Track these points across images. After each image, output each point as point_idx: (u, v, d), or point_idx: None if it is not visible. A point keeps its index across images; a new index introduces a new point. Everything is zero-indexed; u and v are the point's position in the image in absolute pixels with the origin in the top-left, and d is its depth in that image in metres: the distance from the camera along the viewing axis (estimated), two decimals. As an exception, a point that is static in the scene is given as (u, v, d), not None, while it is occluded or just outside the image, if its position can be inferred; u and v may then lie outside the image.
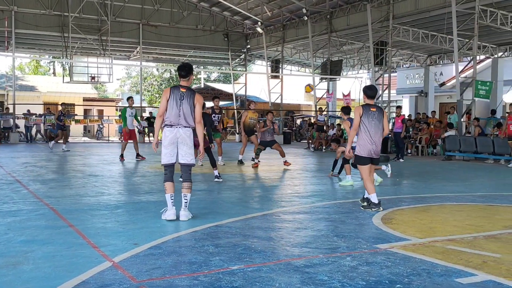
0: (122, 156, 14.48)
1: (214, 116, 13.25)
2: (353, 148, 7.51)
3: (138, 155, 14.70)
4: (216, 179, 9.97)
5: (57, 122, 18.57)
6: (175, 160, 6.08)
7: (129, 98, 15.22)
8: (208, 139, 10.22)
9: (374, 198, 6.88)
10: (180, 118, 6.01)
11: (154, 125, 7.00)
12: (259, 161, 13.21)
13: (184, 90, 6.06)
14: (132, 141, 14.78)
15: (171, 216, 6.00)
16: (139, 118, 16.52)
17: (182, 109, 6.00)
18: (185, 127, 6.04)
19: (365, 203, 7.00)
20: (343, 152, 9.73)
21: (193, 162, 6.18)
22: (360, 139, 6.92)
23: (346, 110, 10.53)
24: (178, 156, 6.07)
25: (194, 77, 8.19)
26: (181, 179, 6.33)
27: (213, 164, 10.21)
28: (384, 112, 7.10)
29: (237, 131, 30.66)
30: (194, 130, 6.19)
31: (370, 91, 7.04)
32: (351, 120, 9.82)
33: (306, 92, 20.32)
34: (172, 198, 6.06)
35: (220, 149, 13.57)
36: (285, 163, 13.08)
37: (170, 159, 6.06)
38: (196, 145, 6.63)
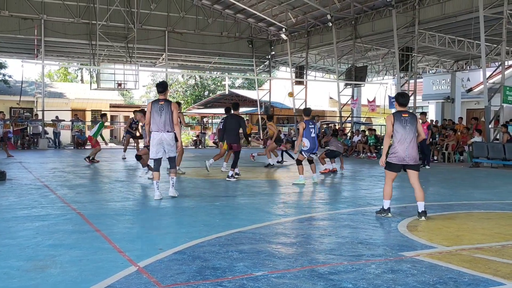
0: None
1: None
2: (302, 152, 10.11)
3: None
4: (227, 179, 10.93)
5: (128, 130, 18.49)
6: (161, 156, 8.07)
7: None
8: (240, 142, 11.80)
9: (386, 204, 6.92)
10: (163, 125, 7.93)
11: (145, 130, 8.95)
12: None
13: (162, 103, 7.95)
14: None
15: (157, 196, 8.00)
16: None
17: (162, 118, 7.91)
18: (168, 131, 7.97)
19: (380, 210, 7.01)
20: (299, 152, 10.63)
21: (175, 154, 8.20)
22: (392, 146, 6.88)
23: (306, 111, 10.95)
24: (166, 153, 8.05)
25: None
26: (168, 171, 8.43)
27: (234, 166, 11.20)
28: (417, 118, 7.01)
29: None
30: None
31: (402, 98, 7.00)
32: (307, 122, 10.50)
33: (289, 96, 20.39)
34: (157, 184, 8.10)
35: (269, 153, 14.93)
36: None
37: (156, 155, 8.07)
38: (233, 148, 11.01)
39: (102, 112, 15.85)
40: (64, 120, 26.35)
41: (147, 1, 26.99)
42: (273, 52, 31.52)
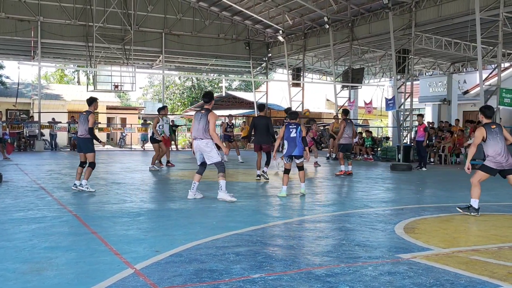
0: (168, 162, 15.24)
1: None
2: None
3: (168, 162, 15.30)
4: (261, 173, 11.63)
5: (224, 134, 18.21)
6: (202, 161, 8.37)
7: (165, 107, 15.26)
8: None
9: (475, 203, 7.24)
10: (198, 132, 8.22)
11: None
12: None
13: (203, 112, 8.27)
14: (165, 148, 15.16)
15: (189, 196, 8.38)
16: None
17: (200, 125, 8.22)
18: (201, 139, 8.20)
19: (464, 208, 7.40)
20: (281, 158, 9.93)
21: (215, 161, 8.22)
22: (488, 156, 7.31)
23: (291, 115, 9.69)
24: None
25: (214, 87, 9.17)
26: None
27: (267, 163, 11.95)
28: (502, 126, 7.46)
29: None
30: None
31: (488, 111, 7.44)
32: (288, 124, 9.37)
33: (304, 114, 20.21)
34: (194, 184, 8.39)
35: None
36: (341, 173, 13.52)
37: (198, 162, 8.43)
38: (264, 149, 11.46)
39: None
40: (60, 122, 26.29)
41: (144, 3, 26.99)
42: (270, 54, 31.55)
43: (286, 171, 9.25)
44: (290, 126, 9.28)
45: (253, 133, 12.05)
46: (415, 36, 20.58)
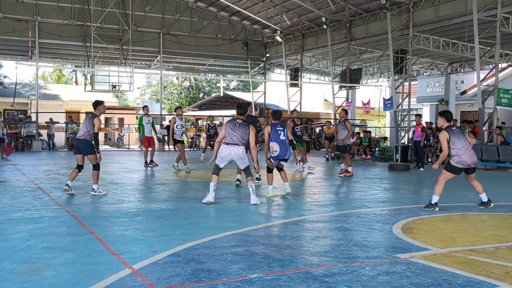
0: (146, 162, 14.80)
1: (296, 128, 13.86)
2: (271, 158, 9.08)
3: (151, 161, 14.96)
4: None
5: (207, 135, 18.03)
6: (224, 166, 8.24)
7: (145, 107, 15.55)
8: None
9: (435, 199, 7.64)
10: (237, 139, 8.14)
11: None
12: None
13: (240, 121, 8.28)
14: (150, 148, 14.97)
15: (207, 199, 7.93)
16: (157, 126, 16.43)
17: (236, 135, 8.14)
18: (238, 145, 8.12)
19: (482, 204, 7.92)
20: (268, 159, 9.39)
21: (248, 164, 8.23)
22: (456, 156, 7.64)
23: (275, 115, 9.59)
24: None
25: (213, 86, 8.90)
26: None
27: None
28: (461, 128, 8.06)
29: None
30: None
31: (449, 115, 7.92)
32: (274, 125, 9.13)
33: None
34: (213, 186, 8.02)
35: (305, 157, 14.30)
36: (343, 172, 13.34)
37: (222, 164, 8.17)
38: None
39: (144, 105, 15.82)
40: (58, 122, 26.24)
41: (142, 3, 26.96)
42: (268, 54, 31.53)
43: (271, 171, 9.23)
44: (277, 128, 9.10)
45: None
46: (413, 36, 20.61)
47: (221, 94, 43.90)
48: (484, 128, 17.87)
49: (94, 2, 25.20)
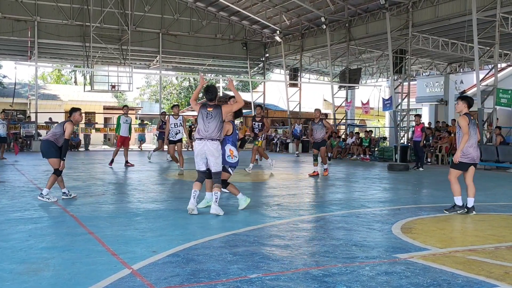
0: (111, 162, 14.71)
1: (254, 124, 13.52)
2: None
3: (127, 162, 14.97)
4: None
5: (160, 132, 17.43)
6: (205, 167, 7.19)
7: (124, 107, 15.63)
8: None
9: (458, 201, 7.35)
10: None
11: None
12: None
13: (211, 109, 7.06)
14: (124, 148, 15.00)
15: (190, 204, 7.01)
16: (134, 127, 16.28)
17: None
18: (211, 140, 7.00)
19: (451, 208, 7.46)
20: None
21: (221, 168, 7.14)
22: (466, 147, 7.28)
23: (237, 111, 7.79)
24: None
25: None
26: None
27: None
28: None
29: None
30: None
31: (472, 101, 7.52)
32: (233, 123, 7.57)
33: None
34: (194, 193, 7.03)
35: (253, 156, 13.89)
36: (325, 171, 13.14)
37: (201, 167, 7.17)
38: None
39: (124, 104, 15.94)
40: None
41: (141, 3, 26.97)
42: (267, 54, 31.56)
43: (227, 184, 7.52)
44: (236, 128, 7.70)
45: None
46: (412, 36, 20.63)
47: (221, 94, 43.84)
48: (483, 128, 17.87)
49: (93, 2, 25.22)
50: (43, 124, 25.40)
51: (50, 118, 26.13)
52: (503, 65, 26.60)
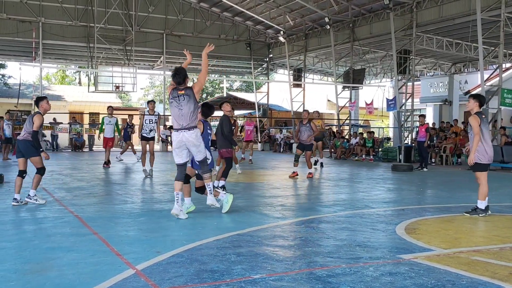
0: (106, 162, 14.95)
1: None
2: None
3: (106, 162, 15.10)
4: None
5: (125, 133, 17.86)
6: (184, 160, 6.85)
7: (109, 107, 15.61)
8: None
9: (482, 204, 7.23)
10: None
11: None
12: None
13: (182, 92, 6.65)
14: (107, 148, 15.08)
15: (174, 210, 6.68)
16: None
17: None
18: (187, 129, 6.62)
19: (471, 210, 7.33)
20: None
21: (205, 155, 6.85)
22: (479, 150, 7.17)
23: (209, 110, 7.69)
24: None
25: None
26: None
27: (225, 175, 9.31)
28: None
29: (259, 140, 30.68)
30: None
31: (484, 100, 7.47)
32: (205, 123, 7.33)
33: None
34: (177, 195, 6.68)
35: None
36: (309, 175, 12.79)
37: (181, 160, 6.81)
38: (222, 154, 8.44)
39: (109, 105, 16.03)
40: (62, 123, 26.31)
41: (145, 4, 27.02)
42: (271, 55, 31.55)
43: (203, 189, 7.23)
44: (207, 129, 7.42)
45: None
46: (416, 36, 20.58)
47: (224, 95, 43.89)
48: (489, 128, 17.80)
49: (98, 3, 25.29)
50: (48, 125, 25.44)
51: (54, 119, 26.18)
52: (508, 65, 26.51)
